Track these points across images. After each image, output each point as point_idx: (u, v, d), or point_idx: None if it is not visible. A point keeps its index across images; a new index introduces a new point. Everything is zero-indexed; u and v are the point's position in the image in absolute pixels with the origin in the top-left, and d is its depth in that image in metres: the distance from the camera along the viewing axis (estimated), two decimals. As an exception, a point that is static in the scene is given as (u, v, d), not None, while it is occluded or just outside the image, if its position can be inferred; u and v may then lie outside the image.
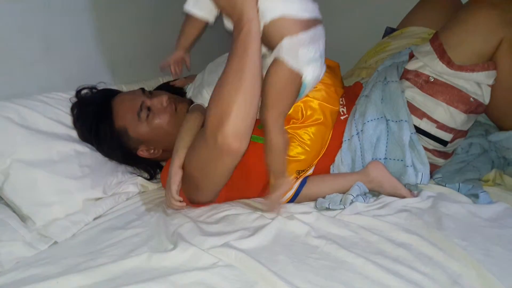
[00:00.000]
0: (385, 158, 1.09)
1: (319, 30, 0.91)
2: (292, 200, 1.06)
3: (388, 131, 1.09)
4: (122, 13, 1.41)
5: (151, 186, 1.19)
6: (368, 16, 1.98)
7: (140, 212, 1.05)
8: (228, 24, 0.93)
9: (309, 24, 0.89)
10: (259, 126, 0.94)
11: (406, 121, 1.07)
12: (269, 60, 0.91)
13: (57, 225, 0.96)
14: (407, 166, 1.05)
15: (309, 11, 0.90)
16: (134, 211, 1.06)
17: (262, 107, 0.91)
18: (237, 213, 0.97)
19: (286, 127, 1.03)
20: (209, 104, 0.92)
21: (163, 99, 1.15)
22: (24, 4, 1.08)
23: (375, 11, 1.95)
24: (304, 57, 0.88)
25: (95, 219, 1.02)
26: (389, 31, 1.54)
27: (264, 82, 0.90)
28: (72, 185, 1.03)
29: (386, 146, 1.09)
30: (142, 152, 1.18)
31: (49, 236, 0.93)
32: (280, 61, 0.88)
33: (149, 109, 1.13)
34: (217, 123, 0.86)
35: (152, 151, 1.18)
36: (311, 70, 0.90)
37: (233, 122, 0.86)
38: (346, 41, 1.45)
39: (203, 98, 1.20)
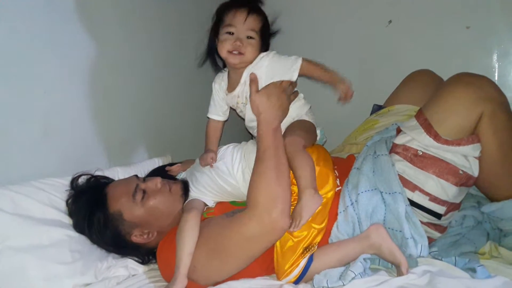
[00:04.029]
0: (384, 228, 1.07)
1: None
2: (299, 280, 1.03)
3: (384, 202, 1.09)
4: (119, 96, 1.45)
5: (141, 268, 1.16)
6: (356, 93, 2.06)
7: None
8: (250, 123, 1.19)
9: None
10: None
11: (400, 193, 1.08)
12: None
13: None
14: (407, 238, 1.04)
15: None
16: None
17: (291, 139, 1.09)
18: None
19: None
20: (253, 187, 1.05)
21: (157, 181, 1.17)
22: (23, 89, 1.11)
23: (362, 88, 2.03)
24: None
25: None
26: (376, 108, 1.59)
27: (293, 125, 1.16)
28: (61, 270, 1.01)
29: (384, 217, 1.09)
30: (136, 238, 1.13)
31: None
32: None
33: (144, 191, 1.13)
34: (271, 203, 1.00)
35: (146, 235, 1.14)
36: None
37: (284, 201, 1.01)
38: (335, 116, 1.51)
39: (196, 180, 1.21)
